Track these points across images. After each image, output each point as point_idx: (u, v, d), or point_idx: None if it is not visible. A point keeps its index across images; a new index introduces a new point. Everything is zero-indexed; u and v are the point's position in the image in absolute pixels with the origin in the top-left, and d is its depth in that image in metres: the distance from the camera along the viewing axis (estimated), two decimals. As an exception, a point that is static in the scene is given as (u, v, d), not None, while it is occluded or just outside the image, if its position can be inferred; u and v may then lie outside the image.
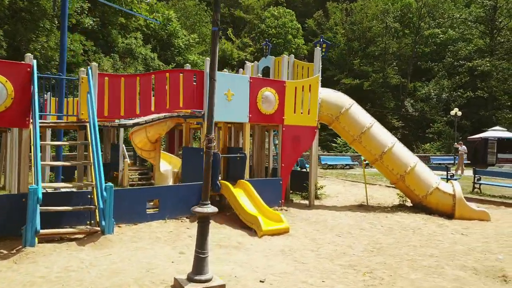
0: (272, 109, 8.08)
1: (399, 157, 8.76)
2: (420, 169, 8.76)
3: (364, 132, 8.87)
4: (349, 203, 9.66)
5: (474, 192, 11.70)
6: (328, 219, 7.56)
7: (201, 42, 37.74)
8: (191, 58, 32.09)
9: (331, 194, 11.00)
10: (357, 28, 42.56)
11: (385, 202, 9.91)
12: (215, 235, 6.02)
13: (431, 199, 8.59)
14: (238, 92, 7.57)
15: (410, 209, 8.88)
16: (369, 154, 8.97)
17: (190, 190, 7.08)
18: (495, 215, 8.86)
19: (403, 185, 8.83)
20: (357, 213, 8.38)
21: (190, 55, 32.80)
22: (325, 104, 9.08)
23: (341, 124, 9.04)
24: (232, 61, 39.12)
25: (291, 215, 7.75)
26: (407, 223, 7.52)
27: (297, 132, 8.49)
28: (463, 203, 8.35)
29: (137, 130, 9.96)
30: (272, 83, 8.13)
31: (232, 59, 39.38)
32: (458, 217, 8.29)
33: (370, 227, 7.13)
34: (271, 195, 8.11)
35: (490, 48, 35.87)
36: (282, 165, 8.30)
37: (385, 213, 8.48)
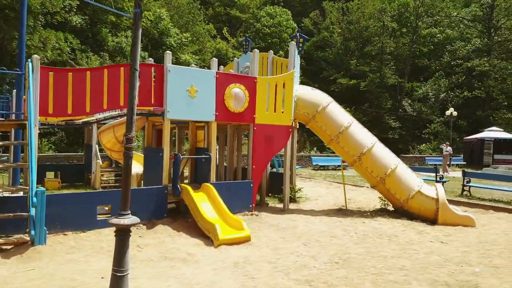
0: (241, 107, 7.55)
1: (379, 159, 8.23)
2: (401, 171, 8.23)
3: (341, 132, 8.33)
4: (328, 207, 9.12)
5: (463, 195, 11.15)
6: (299, 225, 7.03)
7: (194, 41, 37.28)
8: (183, 57, 31.62)
9: (312, 197, 10.48)
10: (354, 27, 42.05)
11: (366, 206, 9.38)
12: (167, 244, 5.50)
13: (413, 203, 8.05)
14: (202, 89, 7.04)
15: (392, 214, 8.35)
16: (347, 155, 8.43)
17: (147, 194, 6.56)
18: (481, 220, 8.33)
19: (384, 188, 8.29)
20: (333, 218, 7.85)
21: (183, 54, 32.31)
22: (301, 103, 8.55)
23: (318, 123, 8.51)
24: (227, 61, 38.60)
25: (260, 221, 7.22)
26: (384, 230, 6.99)
27: (270, 131, 7.96)
28: (447, 208, 7.81)
29: (105, 130, 9.46)
30: (241, 79, 7.60)
31: (227, 58, 38.85)
32: (441, 223, 7.75)
33: (343, 234, 6.59)
34: (241, 199, 7.59)
35: (487, 47, 35.32)
36: (253, 166, 7.77)
37: (364, 218, 7.95)
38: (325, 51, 42.50)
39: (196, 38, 37.63)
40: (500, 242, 6.46)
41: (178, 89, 6.75)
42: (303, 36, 8.95)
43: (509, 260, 5.47)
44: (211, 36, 41.01)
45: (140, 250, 5.16)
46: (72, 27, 25.14)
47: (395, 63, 41.45)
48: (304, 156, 23.56)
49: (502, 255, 5.71)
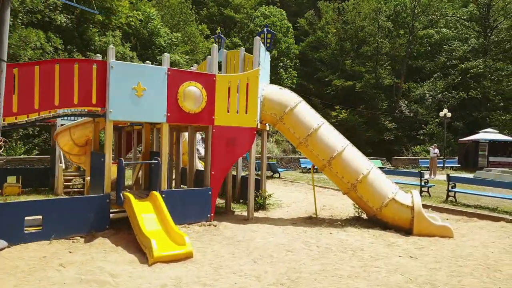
0: (198, 107, 6.93)
1: (350, 163, 7.60)
2: (375, 177, 7.60)
3: (310, 134, 7.71)
4: (299, 215, 8.50)
5: (448, 201, 10.52)
6: (258, 237, 6.41)
7: (186, 41, 36.71)
8: (173, 57, 31.07)
9: (285, 203, 9.86)
10: (350, 27, 41.47)
11: (340, 213, 8.76)
12: (94, 262, 4.87)
13: (387, 212, 7.43)
14: (152, 87, 6.43)
15: (365, 223, 7.72)
16: (317, 160, 7.81)
17: (86, 203, 5.95)
18: (462, 230, 7.71)
19: (355, 195, 7.66)
20: (299, 228, 7.23)
21: (173, 54, 31.76)
22: (268, 103, 7.93)
23: (285, 125, 7.88)
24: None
25: (216, 232, 6.59)
26: (350, 242, 6.36)
27: (231, 134, 7.34)
28: (423, 217, 7.18)
29: (61, 132, 8.86)
30: (198, 77, 6.98)
31: (221, 58, 38.30)
32: (416, 233, 7.13)
33: (302, 248, 5.97)
34: (198, 208, 6.98)
35: (483, 48, 34.68)
36: (211, 172, 7.14)
37: (333, 228, 7.32)
38: (320, 52, 41.91)
39: (187, 38, 37.09)
40: (476, 257, 5.84)
41: (122, 87, 6.14)
42: (271, 32, 8.34)
43: (481, 279, 4.85)
44: (204, 36, 40.45)
45: (60, 270, 4.54)
46: (57, 27, 24.58)
47: (391, 63, 40.86)
48: (293, 159, 22.94)
49: (474, 273, 5.09)
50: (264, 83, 8.16)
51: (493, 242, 6.75)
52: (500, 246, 6.46)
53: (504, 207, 9.73)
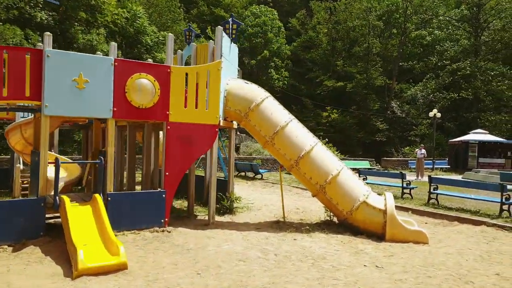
0: (149, 101, 6.33)
1: (319, 163, 7.04)
2: (345, 177, 7.04)
3: (277, 132, 7.14)
4: (267, 219, 7.93)
5: (429, 203, 10.00)
6: (211, 245, 5.82)
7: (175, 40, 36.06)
8: (159, 56, 30.47)
9: (257, 206, 9.29)
10: (341, 27, 41.07)
11: (312, 217, 8.19)
12: (8, 276, 4.26)
13: (358, 215, 6.87)
14: (95, 79, 5.83)
15: (335, 228, 7.16)
16: (284, 159, 7.24)
17: (16, 207, 5.33)
18: (439, 235, 7.18)
19: (324, 197, 7.10)
20: (262, 233, 6.65)
21: (159, 53, 31.14)
22: (232, 98, 7.36)
23: (251, 122, 7.31)
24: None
25: (166, 240, 5.99)
26: (313, 250, 5.80)
27: (189, 131, 6.74)
28: (396, 222, 6.63)
29: (12, 129, 8.22)
30: (150, 68, 6.39)
31: (210, 58, 37.72)
32: (389, 239, 6.58)
33: (258, 256, 5.39)
34: (150, 212, 6.38)
35: (474, 48, 34.38)
36: (166, 173, 6.54)
37: (298, 233, 6.75)
38: (311, 52, 41.46)
39: (176, 37, 36.47)
40: (448, 266, 5.30)
41: (60, 79, 5.54)
42: (237, 22, 7.79)
43: (449, 293, 4.31)
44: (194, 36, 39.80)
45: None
46: (38, 24, 23.91)
47: (383, 64, 40.49)
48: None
49: (443, 285, 4.55)
50: (229, 78, 7.59)
51: (470, 248, 6.22)
52: (477, 253, 5.93)
53: (488, 209, 9.22)
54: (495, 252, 6.03)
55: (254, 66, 38.00)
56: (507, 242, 6.67)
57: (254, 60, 37.42)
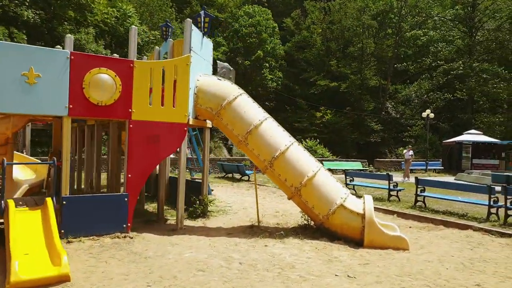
0: (110, 98, 5.91)
1: (294, 164, 6.63)
2: (322, 179, 6.64)
3: (250, 132, 6.73)
4: (241, 223, 7.51)
5: (416, 206, 9.61)
6: (173, 253, 5.40)
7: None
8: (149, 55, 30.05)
9: (233, 210, 8.87)
10: (336, 27, 40.76)
11: (290, 221, 7.78)
12: None
13: (334, 220, 6.47)
14: (48, 73, 5.41)
15: (312, 233, 6.74)
16: (258, 160, 6.83)
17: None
18: (422, 240, 6.79)
19: (300, 201, 6.69)
20: (231, 239, 6.24)
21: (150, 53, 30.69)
22: (203, 95, 6.95)
23: (223, 121, 6.90)
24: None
25: (124, 247, 5.56)
26: (283, 257, 5.39)
27: (154, 130, 6.32)
28: (375, 227, 6.23)
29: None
30: (111, 63, 5.97)
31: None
32: (367, 245, 6.18)
33: (221, 265, 4.97)
34: (111, 217, 5.95)
35: (468, 48, 34.13)
36: (128, 175, 6.12)
37: (271, 239, 6.34)
38: (306, 52, 41.10)
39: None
40: (426, 275, 4.90)
41: (7, 73, 5.12)
42: (209, 15, 7.38)
43: (422, 308, 3.90)
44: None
45: None
46: (24, 22, 23.47)
47: (377, 64, 40.19)
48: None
49: (417, 299, 4.15)
50: (201, 74, 7.18)
51: (452, 255, 5.82)
52: (458, 261, 5.53)
53: (476, 212, 8.84)
54: (479, 260, 5.63)
55: (248, 66, 37.60)
56: (492, 248, 6.29)
57: (248, 60, 37.02)
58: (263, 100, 38.88)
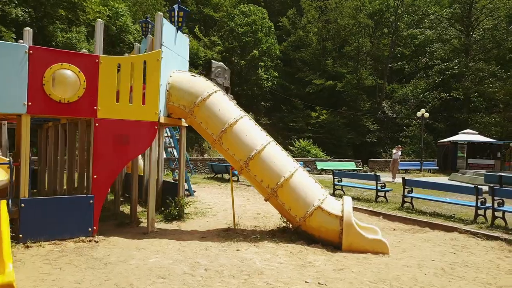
0: (73, 95, 5.62)
1: (270, 164, 6.34)
2: (299, 180, 6.35)
3: (225, 130, 6.44)
4: (218, 226, 7.21)
5: (403, 207, 9.33)
6: (137, 258, 5.10)
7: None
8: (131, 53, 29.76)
9: (214, 211, 8.58)
10: (332, 26, 40.47)
11: (269, 223, 7.49)
12: None
13: (312, 222, 6.18)
14: (5, 69, 5.12)
15: (290, 236, 6.45)
16: (233, 160, 6.54)
17: None
18: (404, 243, 6.51)
19: (277, 202, 6.40)
20: (204, 243, 5.94)
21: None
22: (176, 92, 6.65)
23: (196, 119, 6.61)
24: (198, 60, 36.70)
25: (86, 252, 5.26)
26: (253, 262, 5.09)
27: (122, 129, 6.03)
28: (353, 230, 5.94)
29: None
30: (74, 58, 5.68)
31: (198, 58, 36.93)
32: (346, 249, 5.90)
33: (184, 272, 4.68)
34: (75, 220, 5.66)
35: (464, 47, 33.87)
36: (94, 176, 5.82)
37: (246, 242, 6.05)
38: (301, 52, 40.80)
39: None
40: (402, 281, 4.62)
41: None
42: (183, 9, 7.08)
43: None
44: (182, 35, 39.09)
45: None
46: (13, 20, 23.18)
47: (374, 64, 39.92)
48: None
49: (389, 308, 3.86)
50: (174, 70, 6.88)
51: (433, 260, 5.54)
52: (439, 266, 5.25)
53: (465, 214, 8.57)
54: (460, 264, 5.35)
55: (244, 66, 37.31)
56: (476, 252, 6.00)
57: (243, 60, 36.74)
58: (259, 100, 38.60)
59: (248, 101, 36.93)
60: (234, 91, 37.82)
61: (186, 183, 10.33)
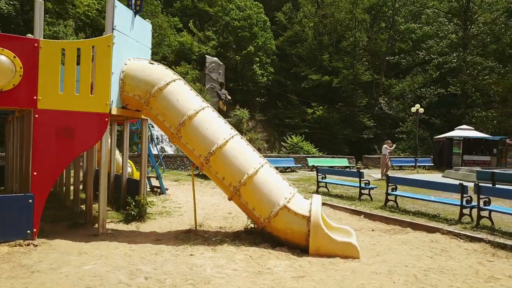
0: (8, 83, 5.06)
1: (233, 160, 5.79)
2: (263, 177, 5.79)
3: (183, 123, 5.88)
4: (180, 227, 6.65)
5: (386, 206, 8.78)
6: (71, 265, 4.56)
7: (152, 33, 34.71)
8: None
9: (181, 211, 8.03)
10: (329, 21, 39.77)
11: (237, 224, 6.95)
12: None
13: (277, 223, 5.63)
14: None
15: (255, 239, 5.88)
16: (193, 156, 5.98)
17: None
18: (380, 246, 5.97)
19: (240, 202, 5.86)
20: (156, 247, 5.40)
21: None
22: (130, 81, 6.09)
23: (152, 111, 6.05)
24: (192, 56, 36.06)
25: (15, 258, 4.71)
26: (203, 270, 4.55)
27: (67, 121, 5.48)
28: (321, 232, 5.39)
29: None
30: (9, 42, 5.11)
31: (192, 53, 36.29)
32: (313, 252, 5.36)
33: (119, 281, 4.13)
34: (11, 222, 5.12)
35: (462, 42, 33.19)
36: (33, 173, 5.27)
37: (205, 245, 5.50)
38: (297, 47, 40.12)
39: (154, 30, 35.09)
40: (367, 292, 4.07)
41: None
42: (141, -8, 6.52)
43: None
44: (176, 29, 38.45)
45: None
46: (-2, 13, 22.66)
47: (371, 59, 39.25)
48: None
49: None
50: (131, 58, 6.32)
51: (407, 265, 4.99)
52: (412, 272, 4.70)
53: (451, 213, 8.01)
54: (436, 270, 4.81)
55: (239, 61, 36.69)
56: (456, 255, 5.46)
57: (238, 55, 36.12)
58: (254, 96, 37.97)
59: (243, 97, 36.34)
60: (229, 86, 37.24)
61: (158, 180, 9.80)
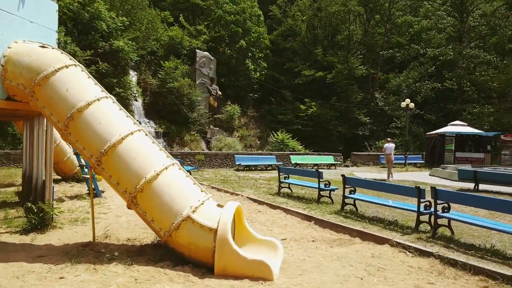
0: None
1: (130, 161, 4.82)
2: (167, 182, 4.81)
3: (72, 117, 4.92)
4: (83, 239, 5.69)
5: (343, 211, 7.79)
6: None
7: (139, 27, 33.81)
8: (116, 43, 28.34)
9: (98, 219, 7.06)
10: (323, 14, 38.57)
11: (149, 236, 5.97)
12: None
13: (179, 237, 4.67)
14: None
15: (161, 255, 4.94)
16: (85, 156, 5.04)
17: None
18: (309, 263, 4.98)
19: (138, 211, 4.90)
20: (29, 266, 4.46)
21: (117, 40, 28.93)
22: (13, 68, 5.14)
23: (39, 102, 5.09)
24: (182, 50, 35.05)
25: None
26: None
27: None
28: (228, 248, 4.42)
29: None
30: None
31: (183, 47, 35.28)
32: (219, 273, 4.40)
33: None
34: None
35: (459, 34, 31.90)
36: None
37: (88, 264, 4.54)
38: (291, 41, 39.00)
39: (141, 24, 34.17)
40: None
41: None
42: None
43: None
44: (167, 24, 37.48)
45: None
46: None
47: (366, 53, 38.02)
48: (230, 154, 20.16)
49: None
50: (18, 41, 5.37)
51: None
52: (325, 303, 3.73)
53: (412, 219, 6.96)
54: (357, 300, 3.83)
55: (232, 56, 35.66)
56: (393, 276, 4.46)
57: (231, 50, 35.09)
58: (247, 91, 36.93)
59: (235, 93, 35.32)
60: (221, 82, 36.21)
61: (93, 182, 8.88)
